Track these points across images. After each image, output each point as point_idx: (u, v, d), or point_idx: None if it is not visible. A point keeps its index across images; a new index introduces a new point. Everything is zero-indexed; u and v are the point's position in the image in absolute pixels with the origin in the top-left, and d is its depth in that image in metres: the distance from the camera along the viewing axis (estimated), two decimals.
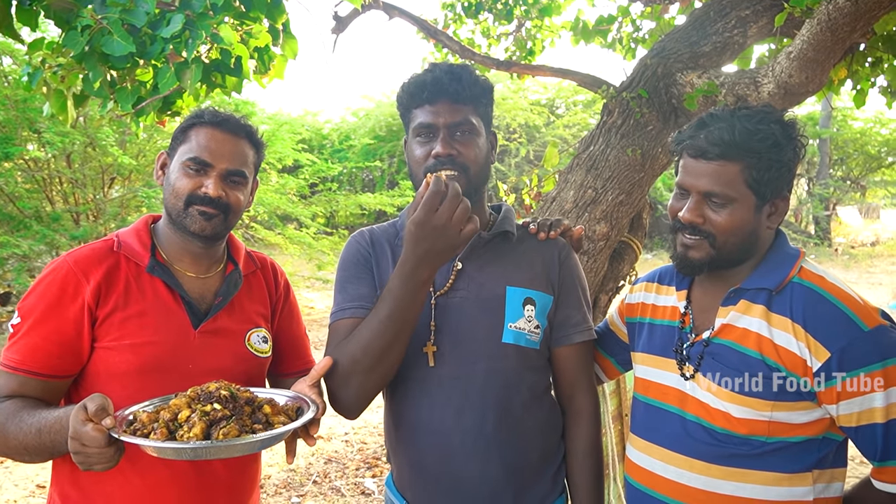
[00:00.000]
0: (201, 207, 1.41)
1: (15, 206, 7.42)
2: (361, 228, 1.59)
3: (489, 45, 5.34)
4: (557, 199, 2.91)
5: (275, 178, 9.23)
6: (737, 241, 1.29)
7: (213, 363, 1.43)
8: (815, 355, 1.20)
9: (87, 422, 1.10)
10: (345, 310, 1.43)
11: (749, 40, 3.02)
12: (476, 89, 1.42)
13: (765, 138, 1.25)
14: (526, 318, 1.44)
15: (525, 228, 1.58)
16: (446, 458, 1.41)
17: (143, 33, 2.08)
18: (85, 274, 1.36)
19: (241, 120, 1.51)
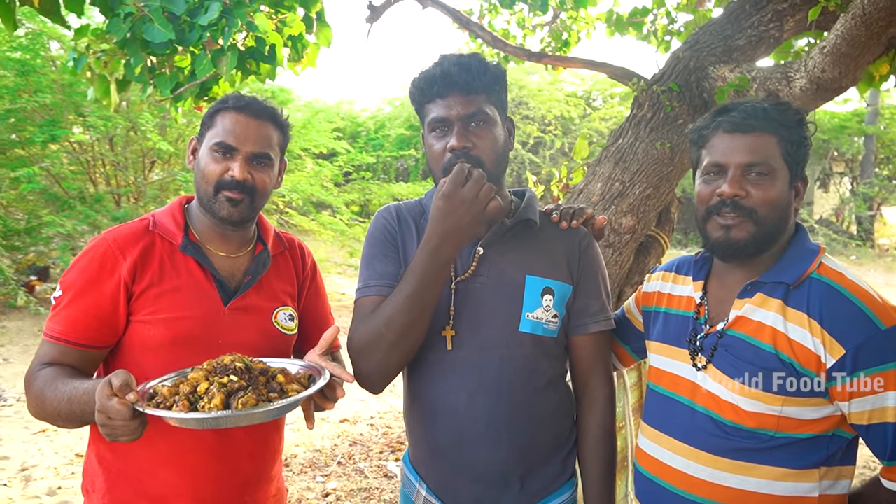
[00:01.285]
0: (228, 193, 1.46)
1: (60, 186, 7.68)
2: (388, 204, 1.61)
3: (524, 36, 5.33)
4: (585, 191, 2.92)
5: (310, 165, 9.35)
6: (776, 218, 1.28)
7: (241, 338, 1.48)
8: (829, 352, 1.19)
9: (113, 396, 1.15)
10: (370, 286, 1.46)
11: (786, 34, 2.97)
12: (487, 77, 1.40)
13: (793, 115, 1.30)
14: (544, 308, 1.45)
15: (548, 216, 1.57)
16: (458, 439, 1.45)
17: (183, 21, 2.15)
18: (122, 252, 1.43)
19: (264, 102, 1.54)
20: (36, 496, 3.55)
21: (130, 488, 1.46)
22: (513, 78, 14.46)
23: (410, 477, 1.55)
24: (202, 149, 1.50)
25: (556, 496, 1.51)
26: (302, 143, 8.81)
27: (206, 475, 1.46)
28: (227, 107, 1.49)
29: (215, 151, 1.46)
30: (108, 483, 1.47)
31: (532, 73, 14.93)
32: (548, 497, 1.50)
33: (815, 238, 14.43)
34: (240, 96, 1.52)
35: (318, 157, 9.66)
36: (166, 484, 1.44)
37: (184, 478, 1.44)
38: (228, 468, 1.48)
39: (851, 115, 16.04)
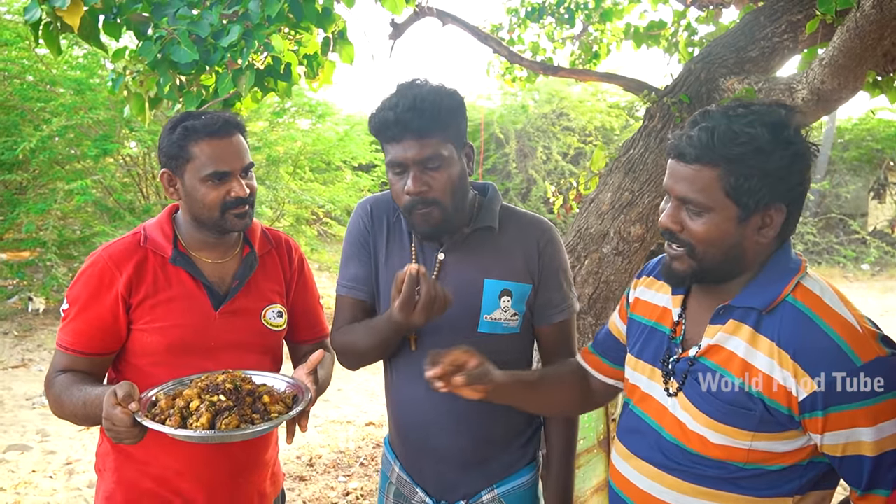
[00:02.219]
0: (235, 210, 1.57)
1: (113, 198, 8.06)
2: (366, 198, 1.70)
3: (554, 49, 5.42)
4: (595, 200, 2.99)
5: (349, 176, 9.57)
6: (717, 254, 1.18)
7: (232, 339, 1.62)
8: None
9: (117, 405, 1.30)
10: (342, 286, 1.66)
11: (801, 45, 2.99)
12: (441, 118, 1.42)
13: (747, 143, 1.11)
14: (502, 309, 1.55)
15: (509, 212, 1.62)
16: (422, 429, 1.61)
17: (207, 43, 2.32)
18: (118, 267, 1.56)
19: (223, 117, 1.58)
20: (77, 488, 3.77)
21: (136, 469, 1.62)
22: (553, 89, 14.48)
23: (388, 456, 1.73)
24: (188, 181, 1.56)
25: (516, 477, 1.64)
26: (341, 154, 9.04)
27: (201, 459, 1.61)
28: (199, 136, 1.53)
29: (209, 181, 1.54)
30: (117, 463, 1.64)
31: (573, 85, 14.93)
32: (507, 478, 1.63)
33: (867, 251, 13.98)
34: (197, 122, 1.55)
35: (356, 169, 9.88)
36: (167, 467, 1.61)
37: (181, 462, 1.60)
38: (221, 454, 1.62)
39: None
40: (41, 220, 7.32)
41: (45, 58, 7.88)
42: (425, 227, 1.49)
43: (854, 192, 15.83)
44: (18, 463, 4.05)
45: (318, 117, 9.10)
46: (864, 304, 10.23)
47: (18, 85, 7.80)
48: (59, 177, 7.78)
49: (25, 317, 7.58)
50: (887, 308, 10.13)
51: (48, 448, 4.29)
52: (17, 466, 4.00)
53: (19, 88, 7.78)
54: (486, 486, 1.62)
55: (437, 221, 1.47)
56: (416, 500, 1.65)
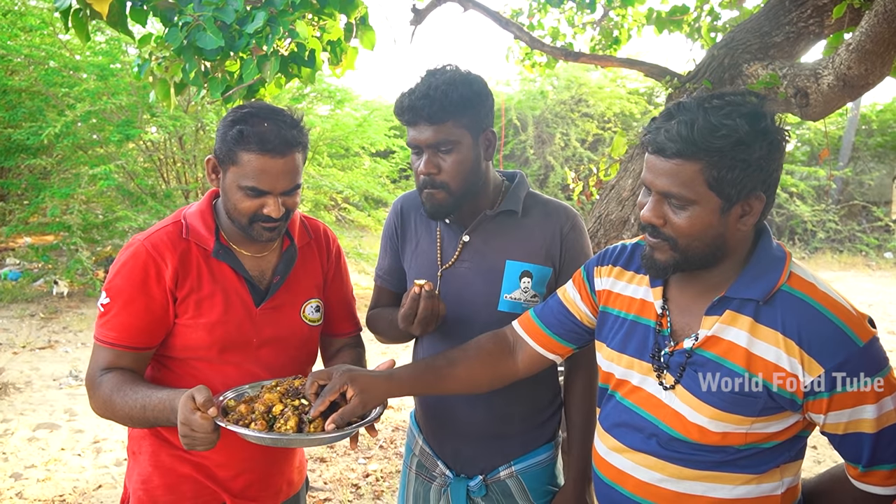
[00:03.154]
0: (265, 224, 1.51)
1: (135, 183, 8.17)
2: (401, 195, 1.83)
3: (574, 34, 5.38)
4: (616, 186, 2.99)
5: (367, 163, 9.61)
6: (700, 246, 1.19)
7: (272, 336, 1.61)
8: (807, 371, 1.14)
9: (196, 411, 1.27)
10: (377, 276, 1.84)
11: (826, 30, 2.94)
12: (452, 106, 1.49)
13: (727, 135, 1.11)
14: (522, 290, 1.62)
15: (535, 199, 1.69)
16: (444, 403, 1.69)
17: (232, 29, 2.34)
18: (163, 258, 1.51)
19: (286, 130, 1.48)
20: (104, 465, 3.87)
21: (173, 455, 1.61)
22: (572, 75, 14.38)
23: (413, 429, 1.82)
24: (229, 180, 1.50)
25: (534, 455, 1.69)
26: (360, 140, 9.07)
27: (241, 452, 1.60)
28: (251, 147, 1.45)
29: (247, 191, 1.47)
30: (153, 447, 1.61)
31: (592, 71, 14.82)
32: (525, 456, 1.68)
33: (891, 238, 13.78)
34: (255, 130, 1.45)
35: (374, 155, 9.91)
36: (206, 457, 1.60)
37: (222, 454, 1.58)
38: (261, 447, 1.56)
39: None
40: (65, 204, 7.44)
41: (69, 43, 7.98)
42: (430, 206, 1.58)
43: (878, 180, 15.59)
44: (48, 441, 4.16)
45: (336, 103, 9.13)
46: (888, 293, 10.11)
47: (43, 71, 7.90)
48: (83, 162, 7.92)
49: (51, 299, 7.73)
50: None
51: (76, 427, 4.40)
52: (47, 444, 4.11)
53: (43, 74, 7.89)
54: (504, 463, 1.67)
55: (440, 203, 1.56)
56: (437, 473, 1.72)
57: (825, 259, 13.23)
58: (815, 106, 2.45)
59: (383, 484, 3.69)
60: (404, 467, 1.84)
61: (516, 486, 1.67)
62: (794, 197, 13.78)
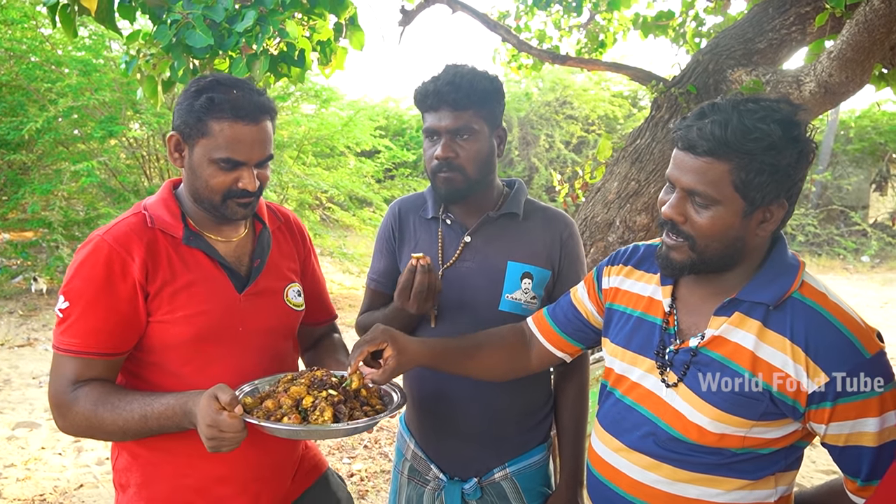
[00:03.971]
0: (240, 199, 1.41)
1: (117, 180, 8.09)
2: (398, 198, 1.83)
3: (561, 37, 5.42)
4: (602, 189, 3.02)
5: (352, 163, 9.59)
6: (719, 248, 1.19)
7: (259, 323, 1.50)
8: (812, 378, 1.14)
9: (222, 411, 1.21)
10: (369, 279, 1.80)
11: (808, 38, 3.00)
12: (476, 95, 1.55)
13: (760, 139, 1.11)
14: (522, 290, 1.64)
15: (534, 205, 1.74)
16: (439, 406, 1.68)
17: (222, 27, 2.34)
18: (128, 251, 1.36)
19: (256, 96, 1.39)
20: (86, 465, 3.84)
21: (168, 484, 1.45)
22: (557, 77, 14.45)
23: (403, 433, 1.80)
24: (197, 155, 1.39)
25: (528, 456, 1.70)
26: (345, 140, 9.05)
27: (242, 461, 1.47)
28: (223, 114, 1.35)
29: (220, 164, 1.38)
30: (144, 478, 1.46)
31: (577, 74, 14.90)
32: (519, 457, 1.69)
33: (868, 243, 14.01)
34: (225, 97, 1.36)
35: (359, 155, 9.90)
36: (207, 474, 1.45)
37: (223, 467, 1.46)
38: (263, 451, 1.50)
39: None
40: (45, 200, 7.35)
41: (51, 38, 7.88)
42: (446, 189, 1.59)
43: (856, 184, 15.85)
44: (28, 440, 4.11)
45: (322, 102, 9.11)
46: (865, 296, 10.28)
47: (24, 65, 7.80)
48: (64, 158, 7.81)
49: (30, 297, 7.63)
50: (887, 300, 10.17)
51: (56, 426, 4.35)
52: (27, 443, 4.07)
53: (25, 68, 7.79)
54: (499, 465, 1.68)
55: (457, 186, 1.58)
56: (430, 476, 1.72)
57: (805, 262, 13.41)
58: None
59: (368, 484, 3.69)
60: (395, 472, 1.82)
61: (511, 488, 1.68)
62: None
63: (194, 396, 1.28)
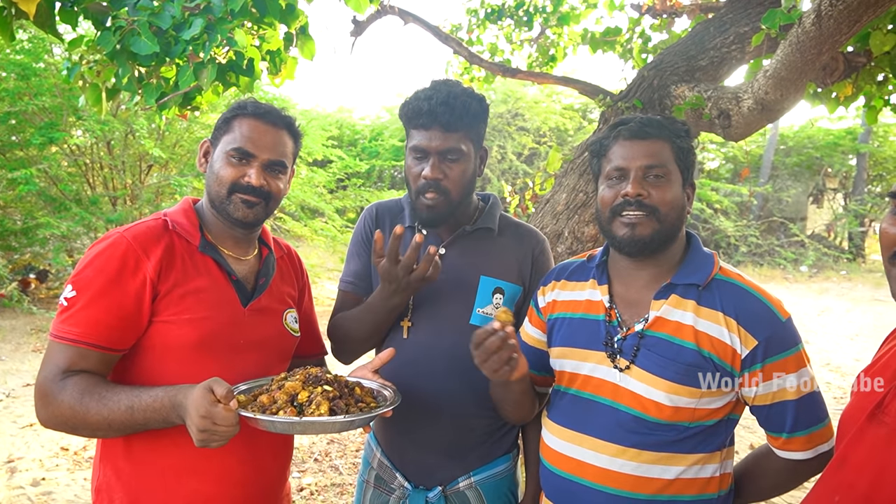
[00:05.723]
0: (244, 196, 1.47)
1: (58, 188, 7.82)
2: (375, 202, 1.82)
3: (512, 51, 5.50)
4: (551, 201, 3.07)
5: (304, 172, 9.51)
6: (675, 217, 1.38)
7: (260, 339, 1.53)
8: (744, 344, 1.33)
9: (217, 403, 1.20)
10: (343, 281, 1.78)
11: (748, 56, 3.12)
12: (468, 118, 1.57)
13: (680, 126, 1.44)
14: (493, 305, 1.66)
15: (507, 220, 1.77)
16: (407, 410, 1.64)
17: (169, 35, 2.30)
18: (145, 250, 1.40)
19: (281, 111, 1.56)
20: (20, 486, 3.68)
21: (154, 501, 1.43)
22: (509, 90, 14.63)
23: (371, 442, 1.80)
24: (216, 152, 1.52)
25: (493, 466, 1.72)
26: None
27: (233, 479, 1.47)
28: (246, 113, 1.51)
29: (232, 157, 1.48)
30: (128, 498, 1.43)
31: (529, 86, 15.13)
32: (484, 466, 1.71)
33: (806, 253, 14.57)
34: (258, 103, 1.54)
35: (312, 165, 9.82)
36: (196, 492, 1.43)
37: (212, 484, 1.44)
38: (255, 469, 1.51)
39: (845, 132, 16.26)
40: None
41: None
42: (428, 213, 1.60)
43: (794, 197, 16.51)
44: None
45: None
46: (803, 305, 10.67)
47: None
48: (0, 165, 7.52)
49: None
50: (823, 308, 10.59)
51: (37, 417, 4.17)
52: None
53: None
54: (464, 474, 1.69)
55: (440, 211, 1.60)
56: (396, 485, 1.72)
57: (747, 272, 13.85)
58: (737, 127, 2.59)
59: (318, 498, 3.64)
60: (360, 481, 1.82)
61: (475, 497, 1.68)
62: (719, 213, 14.40)
63: (185, 389, 1.28)
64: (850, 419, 1.12)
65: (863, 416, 1.06)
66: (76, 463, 4.01)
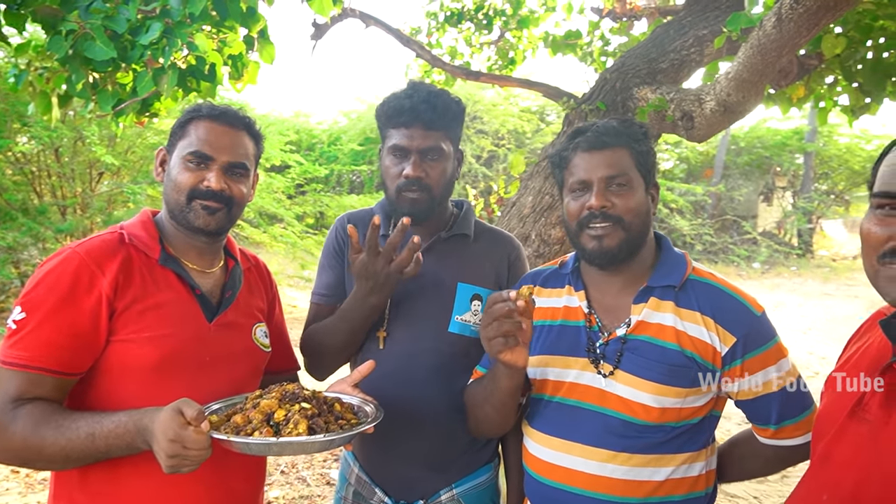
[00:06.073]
0: (204, 202, 1.40)
1: (2, 198, 7.51)
2: (346, 212, 1.79)
3: (472, 54, 5.51)
4: (517, 203, 3.07)
5: (263, 178, 9.35)
6: (640, 223, 1.39)
7: (227, 356, 1.44)
8: (723, 342, 1.35)
9: (187, 426, 1.13)
10: (315, 294, 1.74)
11: (706, 59, 3.18)
12: (448, 117, 1.57)
13: (638, 129, 1.44)
14: (472, 312, 1.64)
15: (482, 226, 1.76)
16: (388, 430, 1.57)
17: (125, 39, 2.22)
18: (100, 266, 1.31)
19: (238, 112, 1.50)
20: None
21: None
22: (467, 93, 14.66)
23: (348, 458, 1.75)
24: (173, 159, 1.44)
25: (475, 477, 1.69)
26: None
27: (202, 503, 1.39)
28: (201, 115, 1.44)
29: (189, 161, 1.40)
30: None
31: (486, 89, 15.19)
32: (465, 478, 1.68)
33: (758, 250, 14.98)
34: (213, 105, 1.48)
35: (270, 170, 9.67)
36: None
37: None
38: (225, 494, 1.43)
39: (792, 133, 16.79)
40: None
41: None
42: (411, 206, 1.57)
43: (746, 196, 16.96)
44: None
45: None
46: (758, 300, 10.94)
47: None
48: None
49: None
50: (777, 303, 10.90)
51: None
52: None
53: None
54: (445, 486, 1.66)
55: (423, 206, 1.57)
56: (375, 501, 1.67)
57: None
58: (700, 129, 2.63)
59: None
60: (337, 498, 1.76)
61: None
62: (674, 212, 14.70)
63: (151, 413, 1.21)
64: (829, 417, 1.13)
65: (843, 414, 1.07)
66: (28, 486, 3.84)
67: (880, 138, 16.79)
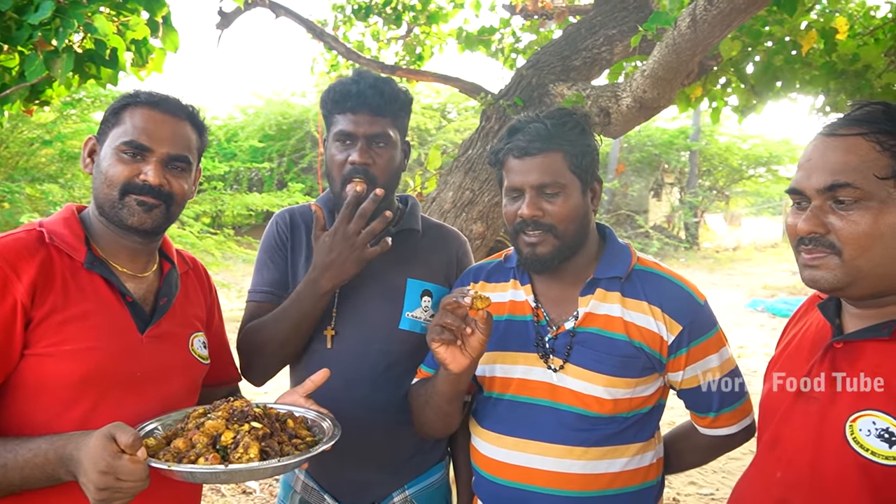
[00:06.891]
0: (140, 197, 1.26)
1: None
2: (287, 207, 1.70)
3: (379, 49, 5.43)
4: (437, 199, 3.04)
5: None
6: (575, 227, 1.37)
7: (159, 370, 1.31)
8: (669, 331, 1.37)
9: (121, 454, 1.02)
10: (256, 292, 1.63)
11: (616, 57, 3.27)
12: (395, 104, 1.53)
13: (574, 127, 1.38)
14: (423, 308, 1.60)
15: (429, 222, 1.73)
16: None
17: (9, 17, 2.01)
18: (14, 269, 1.16)
19: (180, 101, 1.36)
20: None
21: None
22: None
23: None
24: (105, 148, 1.30)
25: (427, 476, 1.65)
26: None
27: None
28: (139, 101, 1.30)
29: (123, 152, 1.27)
30: None
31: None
32: (418, 478, 1.63)
33: (651, 242, 15.77)
34: (153, 91, 1.34)
35: None
36: None
37: None
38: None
39: (678, 132, 17.80)
40: None
41: None
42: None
43: (638, 192, 17.81)
44: None
45: None
46: None
47: None
48: None
49: None
50: None
51: None
52: None
53: None
54: (398, 488, 1.61)
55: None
56: None
57: None
58: (616, 125, 2.70)
59: None
60: None
61: None
62: None
63: (77, 439, 1.08)
64: (774, 401, 1.17)
65: (790, 396, 1.11)
66: None
67: (754, 138, 18.14)
